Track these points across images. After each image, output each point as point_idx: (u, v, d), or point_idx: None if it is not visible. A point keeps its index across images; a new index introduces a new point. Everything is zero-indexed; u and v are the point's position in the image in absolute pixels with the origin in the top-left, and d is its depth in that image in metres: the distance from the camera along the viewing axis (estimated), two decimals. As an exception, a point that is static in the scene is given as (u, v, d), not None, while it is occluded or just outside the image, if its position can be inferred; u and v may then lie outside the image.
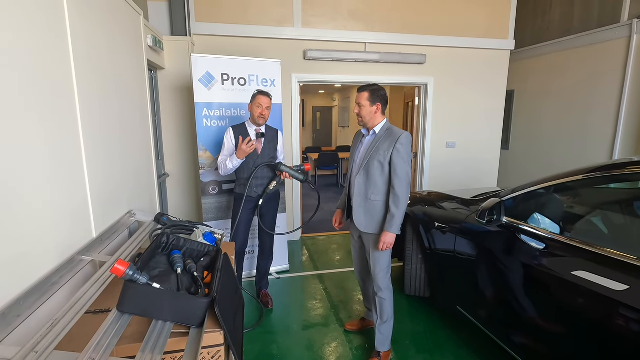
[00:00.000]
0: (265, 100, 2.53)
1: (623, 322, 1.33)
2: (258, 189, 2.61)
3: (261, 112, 2.52)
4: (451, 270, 2.41)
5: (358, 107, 2.03)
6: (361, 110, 2.02)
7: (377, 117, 2.04)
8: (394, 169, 1.96)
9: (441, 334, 2.50)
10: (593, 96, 4.17)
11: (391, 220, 1.95)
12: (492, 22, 4.40)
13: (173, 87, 3.55)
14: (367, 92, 2.01)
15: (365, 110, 2.01)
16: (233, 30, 3.77)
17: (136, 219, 2.06)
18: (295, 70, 4.01)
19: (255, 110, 2.53)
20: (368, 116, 2.03)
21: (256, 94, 2.54)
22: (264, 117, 2.54)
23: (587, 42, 4.20)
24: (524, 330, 1.83)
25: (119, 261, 1.13)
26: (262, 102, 2.51)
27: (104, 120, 1.84)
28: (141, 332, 1.13)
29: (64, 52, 1.49)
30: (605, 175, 1.65)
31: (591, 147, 4.20)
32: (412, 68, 4.30)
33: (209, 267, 1.50)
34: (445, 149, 4.61)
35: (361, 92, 2.02)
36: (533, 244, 1.80)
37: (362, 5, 4.05)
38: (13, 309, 1.05)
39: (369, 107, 2.01)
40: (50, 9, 1.41)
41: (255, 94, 2.55)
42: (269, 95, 2.57)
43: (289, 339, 2.45)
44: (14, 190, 1.14)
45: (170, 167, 3.69)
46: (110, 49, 1.99)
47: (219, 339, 1.18)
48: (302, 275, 3.46)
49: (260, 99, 2.52)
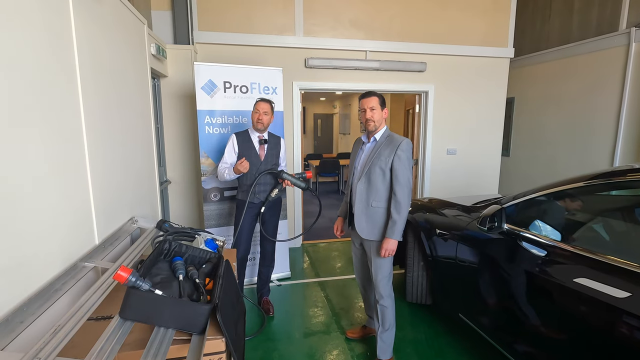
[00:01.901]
0: (263, 105, 2.55)
1: (625, 330, 1.33)
2: (260, 195, 2.62)
3: (258, 117, 2.54)
4: (453, 278, 2.40)
5: (371, 111, 2.02)
6: (374, 114, 2.02)
7: (384, 122, 2.07)
8: (395, 175, 1.97)
9: (443, 341, 2.49)
10: (593, 103, 4.18)
11: (393, 227, 1.95)
12: (491, 31, 4.44)
13: (176, 95, 3.58)
14: (377, 97, 2.03)
15: (378, 113, 2.03)
16: (235, 38, 3.82)
17: (138, 226, 2.07)
18: (296, 78, 4.05)
19: (253, 115, 2.58)
20: (380, 120, 2.04)
21: (257, 101, 2.59)
22: (262, 123, 2.56)
23: (586, 50, 4.23)
24: (526, 338, 1.82)
25: (121, 268, 1.13)
26: (259, 108, 2.55)
27: (107, 127, 1.86)
28: (143, 339, 1.13)
29: (70, 60, 1.52)
30: (606, 182, 1.66)
31: (592, 154, 4.21)
32: (413, 76, 4.34)
33: (211, 274, 1.51)
34: (446, 156, 4.62)
35: (371, 97, 2.03)
36: (534, 251, 1.80)
37: (362, 14, 4.10)
38: (16, 315, 1.06)
39: (381, 110, 2.04)
40: (57, 20, 1.44)
41: (257, 100, 2.59)
42: (269, 101, 2.59)
43: (290, 347, 2.43)
44: (17, 196, 1.16)
45: (172, 173, 3.71)
46: (115, 57, 2.02)
47: (221, 346, 1.18)
48: (304, 282, 3.45)
49: (258, 105, 2.56)
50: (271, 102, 2.61)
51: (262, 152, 2.64)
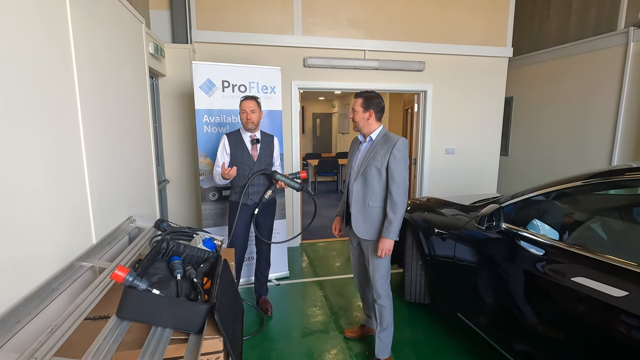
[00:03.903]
0: (248, 104, 2.47)
1: (622, 328, 1.33)
2: (254, 196, 2.58)
3: (247, 117, 2.48)
4: (451, 277, 2.41)
5: (352, 112, 2.08)
6: (355, 115, 2.06)
7: (371, 123, 2.06)
8: (391, 174, 1.97)
9: (441, 341, 2.49)
10: (591, 102, 4.19)
11: (389, 226, 1.95)
12: (490, 30, 4.45)
13: (174, 94, 3.57)
14: (361, 99, 2.04)
15: (359, 115, 2.05)
16: (234, 37, 3.81)
17: (136, 225, 2.06)
18: (295, 77, 4.04)
19: (241, 116, 2.52)
20: (361, 122, 2.05)
21: (241, 100, 2.51)
22: (252, 122, 2.49)
23: (584, 50, 4.24)
24: (524, 337, 1.82)
25: (119, 267, 1.13)
26: (245, 107, 2.47)
27: (105, 126, 1.86)
28: (140, 338, 1.13)
29: (67, 59, 1.51)
30: (604, 181, 1.66)
31: (590, 153, 4.22)
32: (411, 75, 4.34)
33: (209, 273, 1.50)
34: (444, 155, 4.62)
35: (356, 98, 2.07)
36: (532, 250, 1.80)
37: (361, 13, 4.09)
38: (13, 315, 1.06)
39: (362, 113, 2.04)
40: (54, 18, 1.43)
41: (241, 100, 2.51)
42: (253, 97, 2.51)
43: (288, 346, 2.43)
44: (14, 196, 1.15)
45: (171, 173, 3.70)
46: (112, 56, 2.01)
47: (219, 346, 1.18)
48: (302, 281, 3.45)
49: (243, 104, 2.48)
50: (256, 98, 2.52)
51: (255, 152, 2.60)
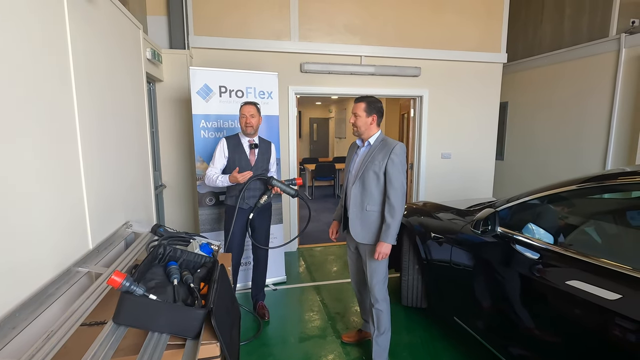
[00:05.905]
0: (249, 108, 2.52)
1: (616, 331, 1.34)
2: (250, 201, 2.59)
3: (246, 121, 2.52)
4: (448, 281, 2.41)
5: (354, 117, 2.07)
6: (357, 120, 2.06)
7: (372, 128, 2.07)
8: (389, 179, 1.98)
9: (438, 345, 2.49)
10: (585, 107, 4.24)
11: (387, 231, 1.96)
12: (484, 36, 4.50)
13: (171, 99, 3.58)
14: (364, 103, 2.05)
15: (361, 120, 2.05)
16: (231, 43, 3.83)
17: (133, 230, 2.06)
18: (292, 82, 4.07)
19: (240, 120, 2.56)
20: (363, 126, 2.06)
21: (241, 105, 2.57)
22: (251, 126, 2.53)
23: (577, 56, 4.30)
24: (520, 341, 1.83)
25: (115, 272, 1.13)
26: (245, 112, 2.52)
27: (102, 131, 1.86)
28: (137, 344, 1.12)
29: (64, 64, 1.52)
30: (598, 185, 1.68)
31: (584, 158, 4.26)
32: (407, 80, 4.37)
33: (206, 279, 1.50)
34: (440, 160, 4.65)
35: (358, 103, 2.06)
36: (527, 254, 1.82)
37: (357, 19, 4.13)
38: (8, 321, 1.05)
39: (365, 117, 2.04)
40: (52, 24, 1.44)
41: (241, 105, 2.57)
42: (253, 103, 2.56)
43: (285, 351, 2.42)
44: (10, 200, 1.15)
45: (167, 178, 3.69)
46: (110, 62, 2.02)
47: (215, 351, 1.18)
48: (299, 286, 3.44)
49: (244, 109, 2.53)
50: (256, 104, 2.57)
51: (253, 157, 2.62)
